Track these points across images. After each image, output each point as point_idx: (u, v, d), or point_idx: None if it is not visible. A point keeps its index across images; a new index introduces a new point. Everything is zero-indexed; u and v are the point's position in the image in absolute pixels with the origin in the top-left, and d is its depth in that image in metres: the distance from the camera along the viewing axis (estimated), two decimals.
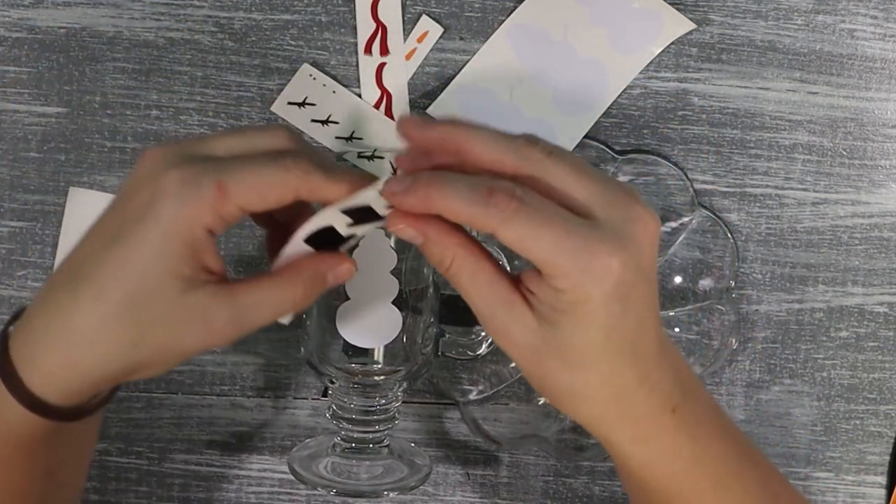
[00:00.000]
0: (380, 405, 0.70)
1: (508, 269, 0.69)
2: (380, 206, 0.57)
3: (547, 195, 0.55)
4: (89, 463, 0.67)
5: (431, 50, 0.75)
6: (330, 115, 0.75)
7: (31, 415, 0.58)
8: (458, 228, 0.57)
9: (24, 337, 0.58)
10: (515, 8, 0.74)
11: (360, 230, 0.59)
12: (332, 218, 0.58)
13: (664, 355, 0.59)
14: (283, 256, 0.59)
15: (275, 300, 0.58)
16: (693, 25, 0.74)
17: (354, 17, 0.74)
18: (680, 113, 0.76)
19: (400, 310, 0.67)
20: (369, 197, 0.57)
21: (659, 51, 0.75)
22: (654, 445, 0.59)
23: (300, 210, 0.60)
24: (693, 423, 0.60)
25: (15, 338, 0.59)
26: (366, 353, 0.69)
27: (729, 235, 0.76)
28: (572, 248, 0.53)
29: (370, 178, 0.58)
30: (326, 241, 0.59)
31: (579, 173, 0.55)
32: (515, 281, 0.57)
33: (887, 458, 0.79)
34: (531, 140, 0.56)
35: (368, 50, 0.75)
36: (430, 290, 0.70)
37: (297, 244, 0.59)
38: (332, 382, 0.70)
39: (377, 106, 0.75)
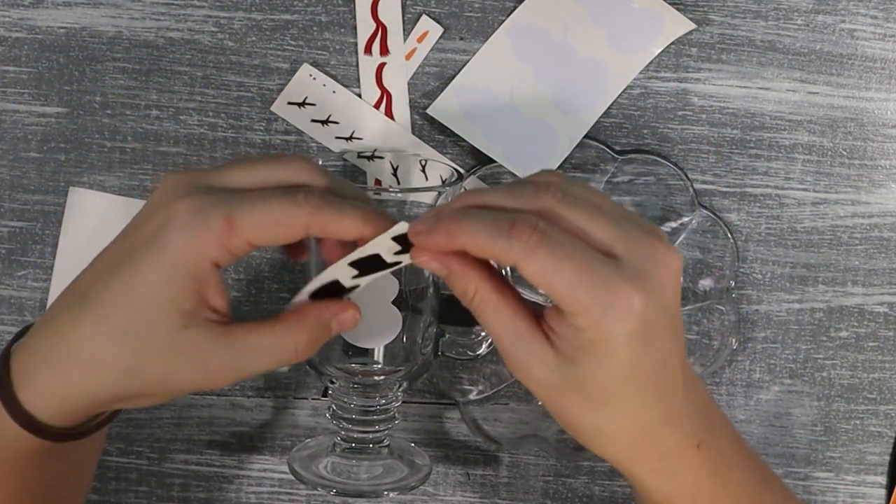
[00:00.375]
0: (380, 405, 0.70)
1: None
2: (388, 255, 0.57)
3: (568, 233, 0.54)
4: (90, 481, 0.67)
5: (431, 50, 0.75)
6: (330, 115, 0.75)
7: (25, 433, 0.58)
8: (481, 262, 0.56)
9: (24, 355, 0.59)
10: (515, 8, 0.74)
11: (364, 281, 0.59)
12: (339, 272, 0.58)
13: (690, 391, 0.58)
14: (289, 308, 0.59)
15: (275, 347, 0.58)
16: (693, 25, 0.74)
17: (354, 17, 0.74)
18: (680, 113, 0.76)
19: (400, 310, 0.67)
20: (379, 245, 0.57)
21: (659, 51, 0.75)
22: (677, 480, 0.59)
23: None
24: (716, 458, 0.60)
25: (16, 355, 0.59)
26: (366, 353, 0.69)
27: (729, 235, 0.76)
28: (593, 285, 0.53)
29: (382, 215, 0.57)
30: (331, 292, 0.59)
31: (596, 215, 0.54)
32: (537, 317, 0.56)
33: (887, 458, 0.79)
34: (541, 187, 0.55)
35: (368, 50, 0.75)
36: (430, 290, 0.70)
37: (303, 298, 0.59)
38: (332, 382, 0.70)
39: (377, 106, 0.75)
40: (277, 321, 0.58)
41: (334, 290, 0.59)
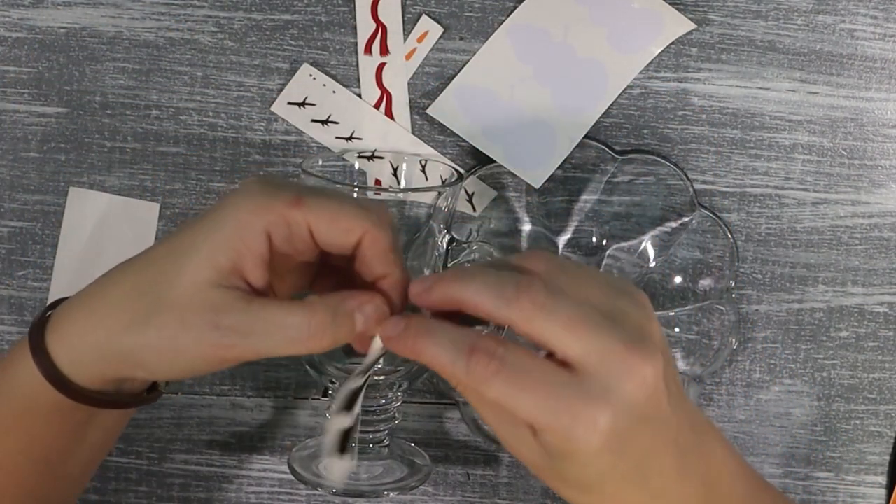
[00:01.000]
0: (380, 405, 0.70)
1: None
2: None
3: (539, 343, 0.54)
4: (93, 467, 0.67)
5: (431, 50, 0.75)
6: (330, 115, 0.75)
7: (41, 383, 0.59)
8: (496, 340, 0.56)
9: (65, 305, 0.60)
10: (515, 8, 0.74)
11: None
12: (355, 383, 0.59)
13: (686, 465, 0.57)
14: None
15: (287, 322, 0.56)
16: (693, 25, 0.74)
17: (354, 17, 0.74)
18: (680, 113, 0.76)
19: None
20: (375, 350, 0.58)
21: (659, 51, 0.75)
22: None
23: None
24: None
25: (60, 306, 0.60)
26: (366, 353, 0.69)
27: (729, 235, 0.76)
28: (554, 409, 0.53)
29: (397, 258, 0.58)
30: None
31: (573, 326, 0.53)
32: None
33: (887, 458, 0.79)
34: (523, 286, 0.54)
35: (368, 50, 0.75)
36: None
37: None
38: (333, 382, 0.69)
39: (377, 106, 0.75)
40: (299, 301, 0.57)
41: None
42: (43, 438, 0.61)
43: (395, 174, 0.74)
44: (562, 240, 0.76)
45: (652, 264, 0.75)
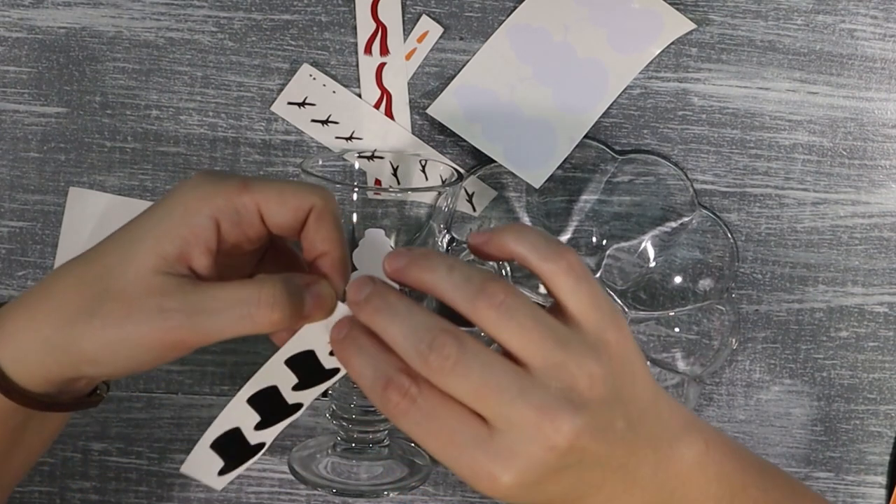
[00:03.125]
0: None
1: (509, 273, 0.69)
2: (324, 353, 0.58)
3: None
4: (26, 468, 0.65)
5: (431, 50, 0.75)
6: (330, 115, 0.75)
7: None
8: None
9: (4, 310, 0.59)
10: (515, 8, 0.74)
11: (305, 397, 0.59)
12: (277, 375, 0.58)
13: (638, 479, 0.57)
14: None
15: (235, 297, 0.55)
16: (693, 25, 0.74)
17: (354, 17, 0.74)
18: (680, 113, 0.76)
19: None
20: (312, 337, 0.57)
21: (659, 51, 0.75)
22: None
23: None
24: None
25: (5, 308, 0.59)
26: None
27: (729, 235, 0.76)
28: (457, 459, 0.53)
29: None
30: (273, 409, 0.59)
31: (495, 374, 0.53)
32: None
33: (887, 458, 0.79)
34: (484, 288, 0.54)
35: (368, 50, 0.75)
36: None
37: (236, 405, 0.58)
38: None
39: (377, 106, 0.75)
40: (246, 279, 0.57)
41: (277, 409, 0.58)
42: None
43: (395, 174, 0.74)
44: (562, 240, 0.76)
45: (652, 264, 0.75)
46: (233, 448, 0.59)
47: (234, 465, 0.60)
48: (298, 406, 0.59)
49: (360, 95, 0.75)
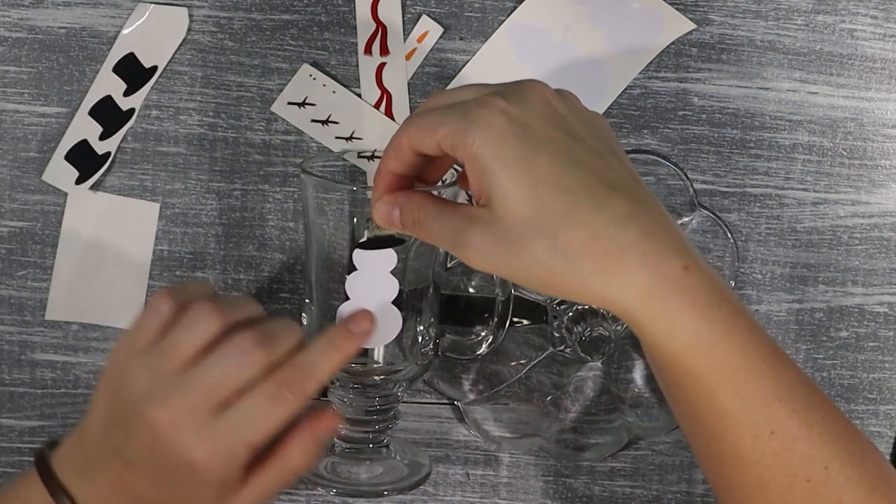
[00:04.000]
0: (380, 405, 0.70)
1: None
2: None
3: None
4: None
5: (431, 50, 0.75)
6: (330, 115, 0.75)
7: None
8: (420, 191, 0.62)
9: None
10: (515, 8, 0.74)
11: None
12: None
13: (647, 207, 0.57)
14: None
15: (278, 475, 0.64)
16: (693, 25, 0.74)
17: (354, 17, 0.74)
18: (680, 113, 0.76)
19: (400, 310, 0.67)
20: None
21: (659, 51, 0.75)
22: (669, 303, 0.56)
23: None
24: (713, 290, 0.57)
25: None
26: (366, 353, 0.69)
27: (729, 235, 0.76)
28: (454, 116, 0.58)
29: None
30: None
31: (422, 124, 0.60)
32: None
33: (887, 458, 0.79)
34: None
35: (368, 50, 0.75)
36: (430, 290, 0.70)
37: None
38: (333, 382, 0.69)
39: (377, 106, 0.75)
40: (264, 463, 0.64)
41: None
42: None
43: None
44: None
45: None
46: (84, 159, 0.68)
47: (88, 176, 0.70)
48: (131, 112, 0.66)
49: (360, 95, 0.75)
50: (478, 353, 0.74)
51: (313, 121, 0.75)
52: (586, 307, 0.73)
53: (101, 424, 0.64)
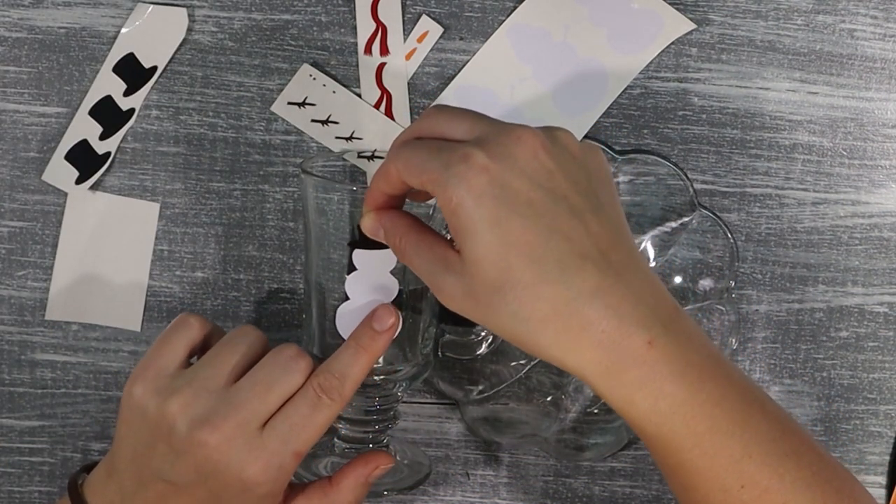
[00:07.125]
0: (380, 405, 0.70)
1: None
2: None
3: None
4: None
5: (431, 50, 0.75)
6: (330, 115, 0.75)
7: None
8: (406, 216, 0.62)
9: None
10: (515, 8, 0.74)
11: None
12: None
13: (625, 275, 0.57)
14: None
15: None
16: (693, 25, 0.74)
17: (354, 17, 0.75)
18: (680, 113, 0.76)
19: (400, 310, 0.67)
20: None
21: (659, 51, 0.75)
22: (630, 376, 0.57)
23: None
24: (678, 359, 0.57)
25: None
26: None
27: (729, 235, 0.76)
28: (438, 159, 0.58)
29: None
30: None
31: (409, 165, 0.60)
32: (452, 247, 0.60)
33: (887, 458, 0.79)
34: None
35: (368, 50, 0.75)
36: (430, 290, 0.69)
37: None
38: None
39: (377, 106, 0.75)
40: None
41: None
42: None
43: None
44: None
45: (652, 264, 0.75)
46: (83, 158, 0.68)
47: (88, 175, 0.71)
48: (131, 112, 0.66)
49: (360, 95, 0.75)
50: (478, 353, 0.74)
51: (313, 121, 0.75)
52: None
53: (131, 453, 0.64)
